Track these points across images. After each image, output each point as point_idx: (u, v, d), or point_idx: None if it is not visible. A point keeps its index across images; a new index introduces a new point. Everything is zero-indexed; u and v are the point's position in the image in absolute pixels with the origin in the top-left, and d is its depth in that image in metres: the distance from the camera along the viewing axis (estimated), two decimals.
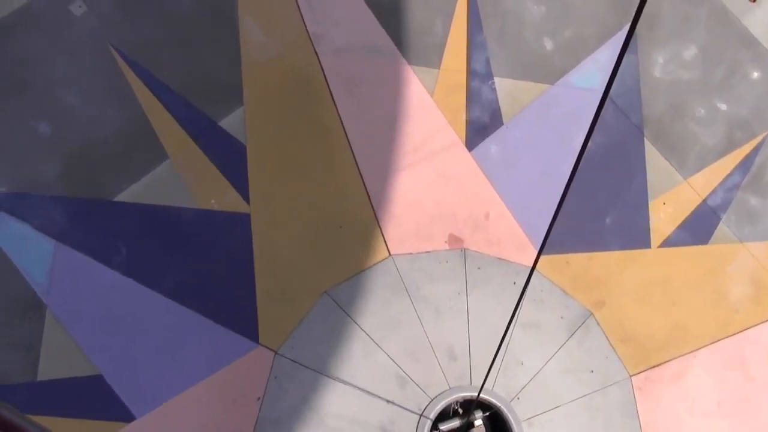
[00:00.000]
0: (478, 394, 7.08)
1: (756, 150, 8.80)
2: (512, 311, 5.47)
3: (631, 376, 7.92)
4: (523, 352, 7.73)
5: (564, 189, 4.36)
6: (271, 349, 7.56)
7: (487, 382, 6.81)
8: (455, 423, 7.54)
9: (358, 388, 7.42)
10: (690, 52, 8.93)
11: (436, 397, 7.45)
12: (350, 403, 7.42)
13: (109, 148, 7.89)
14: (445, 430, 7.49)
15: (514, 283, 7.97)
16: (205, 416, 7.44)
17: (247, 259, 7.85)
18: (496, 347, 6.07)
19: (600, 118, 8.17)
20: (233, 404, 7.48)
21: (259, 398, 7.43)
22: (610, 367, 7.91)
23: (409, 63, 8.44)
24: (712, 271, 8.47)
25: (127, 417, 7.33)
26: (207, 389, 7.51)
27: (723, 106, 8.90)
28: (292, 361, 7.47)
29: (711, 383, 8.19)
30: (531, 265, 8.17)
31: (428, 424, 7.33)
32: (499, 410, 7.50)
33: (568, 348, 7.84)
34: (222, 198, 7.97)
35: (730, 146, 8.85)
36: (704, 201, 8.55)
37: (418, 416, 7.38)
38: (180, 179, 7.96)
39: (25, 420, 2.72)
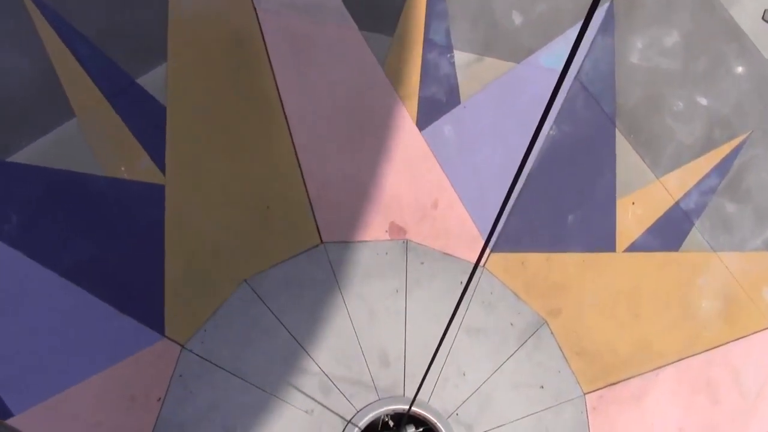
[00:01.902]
0: (410, 407, 6.10)
1: (735, 151, 7.91)
2: (452, 313, 4.45)
3: (585, 394, 6.98)
4: (466, 362, 6.76)
5: (515, 176, 3.61)
6: (177, 343, 6.52)
7: (422, 393, 5.87)
8: None
9: (275, 396, 6.39)
10: (671, 39, 8.00)
11: (363, 408, 6.46)
12: (265, 411, 6.40)
13: (6, 100, 6.75)
14: None
15: (461, 282, 6.98)
16: (98, 415, 6.40)
17: (158, 238, 6.80)
18: (434, 354, 5.06)
19: (569, 105, 7.18)
20: (131, 403, 6.43)
21: (160, 398, 6.39)
22: (562, 383, 6.96)
23: (360, 28, 7.41)
24: (682, 282, 7.57)
25: (3, 413, 6.23)
26: (102, 384, 6.47)
27: (703, 101, 7.99)
28: (201, 358, 6.43)
29: (673, 406, 7.28)
30: (482, 263, 7.19)
31: None
32: (434, 427, 6.50)
33: (516, 359, 6.88)
34: (134, 166, 6.91)
35: (708, 145, 7.95)
36: (677, 203, 7.64)
37: (341, 430, 6.37)
38: (86, 141, 6.86)
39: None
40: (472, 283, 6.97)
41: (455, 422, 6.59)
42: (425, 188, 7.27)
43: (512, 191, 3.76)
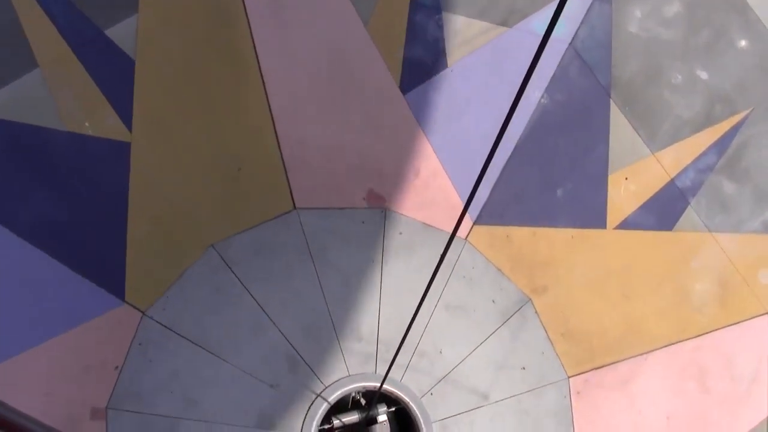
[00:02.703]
0: (381, 385, 5.70)
1: (735, 128, 7.50)
2: (427, 285, 4.04)
3: (569, 377, 6.59)
4: (444, 339, 6.36)
5: (494, 143, 3.34)
6: (137, 309, 6.13)
7: (395, 371, 5.50)
8: (353, 416, 6.13)
9: (239, 368, 5.98)
10: (672, 9, 7.58)
11: (331, 384, 6.07)
12: (227, 384, 6.01)
13: None
14: (339, 424, 6.06)
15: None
16: (51, 383, 6.00)
17: (121, 199, 6.38)
18: (407, 329, 4.65)
19: (562, 73, 6.75)
20: (86, 372, 6.03)
21: (117, 367, 5.99)
22: (545, 365, 6.56)
23: None
24: (675, 263, 7.17)
25: None
26: (56, 350, 6.07)
27: (704, 75, 7.57)
28: (162, 326, 6.03)
29: (662, 393, 6.89)
30: (464, 236, 6.78)
31: (318, 415, 5.90)
32: (406, 407, 6.10)
33: (498, 338, 6.48)
34: (99, 122, 6.50)
35: (707, 121, 7.53)
36: (672, 180, 7.23)
37: (308, 406, 5.96)
38: (50, 95, 6.43)
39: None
40: (453, 256, 6.58)
41: (429, 402, 6.20)
42: (407, 155, 6.86)
43: (490, 159, 3.43)
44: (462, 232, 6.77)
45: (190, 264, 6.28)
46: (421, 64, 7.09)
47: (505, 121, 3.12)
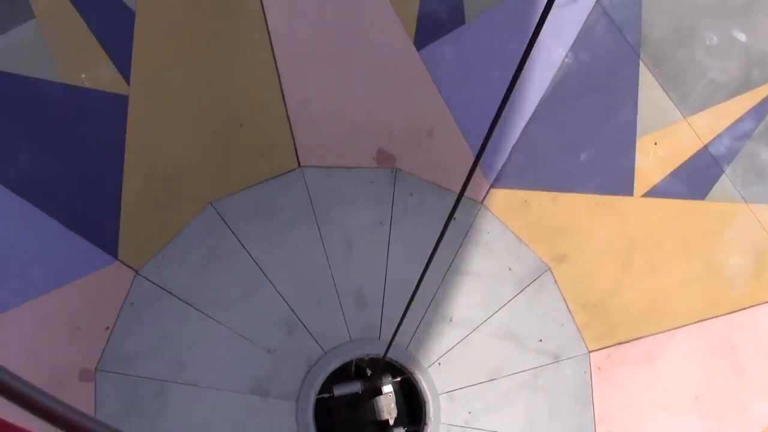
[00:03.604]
0: (385, 353, 5.27)
1: None
2: (434, 246, 3.62)
3: (590, 351, 6.14)
4: (454, 306, 5.93)
5: (504, 97, 3.11)
6: (130, 268, 5.78)
7: (401, 339, 5.09)
8: (355, 386, 5.72)
9: (234, 331, 5.61)
10: None
11: (331, 350, 5.67)
12: (221, 348, 5.63)
13: None
14: (340, 394, 5.66)
15: (455, 218, 6.11)
16: (38, 342, 5.67)
17: (117, 153, 6.04)
18: (413, 293, 4.24)
19: (588, 32, 6.28)
20: (75, 332, 5.70)
21: (107, 328, 5.65)
22: (564, 338, 6.11)
23: None
24: (707, 235, 6.67)
25: None
26: (44, 308, 5.74)
27: (741, 37, 7.05)
28: (156, 285, 5.69)
29: (690, 372, 6.41)
30: (479, 199, 6.36)
31: (317, 383, 5.50)
32: (411, 376, 5.68)
33: (513, 307, 6.04)
34: (96, 73, 6.16)
35: (744, 86, 7.01)
36: (705, 147, 6.73)
37: (306, 373, 5.57)
38: (45, 45, 6.09)
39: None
40: (467, 220, 6.15)
41: (437, 373, 5.79)
42: (420, 114, 6.45)
43: (500, 114, 3.17)
44: (478, 195, 6.35)
45: (187, 222, 5.94)
46: (437, 19, 6.67)
47: (513, 77, 2.90)
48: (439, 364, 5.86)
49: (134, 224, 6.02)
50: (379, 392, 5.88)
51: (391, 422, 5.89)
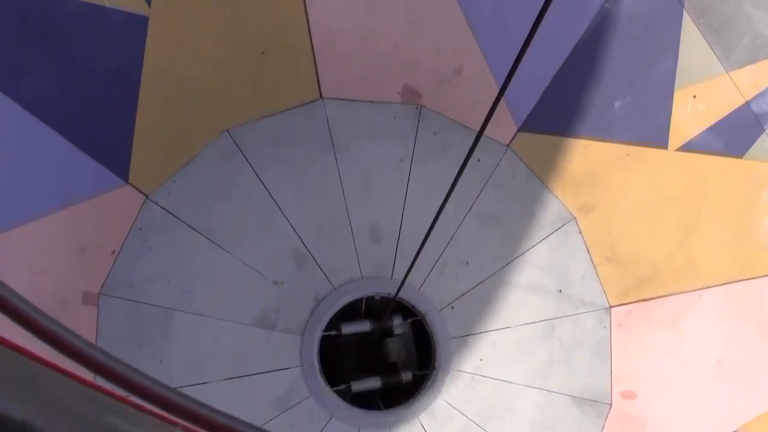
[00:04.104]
0: (397, 293, 5.06)
1: None
2: (452, 183, 3.41)
3: (611, 306, 5.87)
4: (472, 250, 5.69)
5: (531, 30, 2.94)
6: (141, 192, 5.60)
7: (415, 279, 4.84)
8: (364, 326, 5.51)
9: (242, 261, 5.41)
10: None
11: (341, 286, 5.46)
12: (228, 277, 5.44)
13: None
14: (348, 332, 5.46)
15: (479, 160, 5.89)
16: (43, 262, 5.52)
17: (134, 75, 5.83)
18: (428, 230, 4.02)
19: None
20: (80, 254, 5.53)
21: (114, 252, 5.47)
22: (585, 290, 5.85)
23: None
24: (743, 194, 6.36)
25: None
26: (51, 227, 5.58)
27: None
28: (166, 211, 5.50)
29: (715, 335, 6.13)
30: (506, 142, 6.10)
31: (325, 318, 5.30)
32: (423, 318, 5.46)
33: (534, 255, 5.79)
34: None
35: None
36: (747, 103, 6.40)
37: (313, 308, 5.37)
38: None
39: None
40: (491, 162, 5.89)
41: (449, 316, 5.56)
42: (449, 51, 6.18)
43: (523, 52, 3.06)
44: (505, 138, 6.09)
45: (201, 148, 5.74)
46: None
47: (539, 15, 2.76)
48: (453, 307, 5.64)
49: (147, 148, 5.84)
50: (390, 334, 5.67)
51: (400, 366, 5.68)
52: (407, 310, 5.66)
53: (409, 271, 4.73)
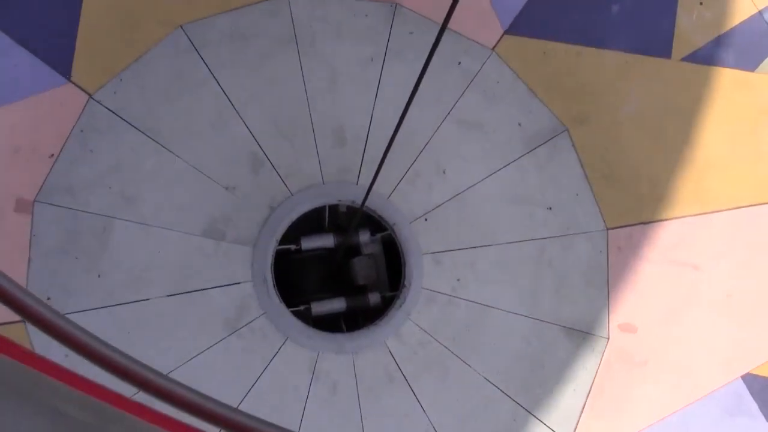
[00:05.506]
0: (363, 201, 4.42)
1: None
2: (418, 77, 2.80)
3: (608, 228, 5.23)
4: (450, 158, 5.07)
5: None
6: (84, 91, 5.03)
7: (383, 187, 4.25)
8: (327, 240, 4.88)
9: (191, 165, 4.81)
10: None
11: (299, 192, 4.82)
12: (175, 181, 4.84)
13: None
14: (308, 248, 4.83)
15: (459, 63, 5.27)
16: None
17: None
18: (395, 128, 3.41)
19: None
20: (15, 155, 4.98)
21: (52, 155, 4.88)
22: (579, 210, 5.22)
23: None
24: (753, 111, 5.74)
25: None
26: None
27: None
28: (110, 111, 4.93)
29: (724, 265, 5.49)
30: (490, 45, 5.47)
31: (280, 229, 4.68)
32: (392, 230, 4.82)
33: (520, 168, 5.16)
34: None
35: None
36: (759, 13, 5.77)
37: (267, 216, 4.75)
38: None
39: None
40: (474, 66, 5.26)
41: (421, 230, 4.94)
42: None
43: None
44: (489, 41, 5.48)
45: (152, 45, 5.14)
46: None
47: None
48: (426, 219, 5.00)
49: (93, 44, 5.28)
50: (358, 252, 5.04)
51: (369, 289, 5.05)
52: (377, 225, 5.03)
53: (377, 173, 4.12)
